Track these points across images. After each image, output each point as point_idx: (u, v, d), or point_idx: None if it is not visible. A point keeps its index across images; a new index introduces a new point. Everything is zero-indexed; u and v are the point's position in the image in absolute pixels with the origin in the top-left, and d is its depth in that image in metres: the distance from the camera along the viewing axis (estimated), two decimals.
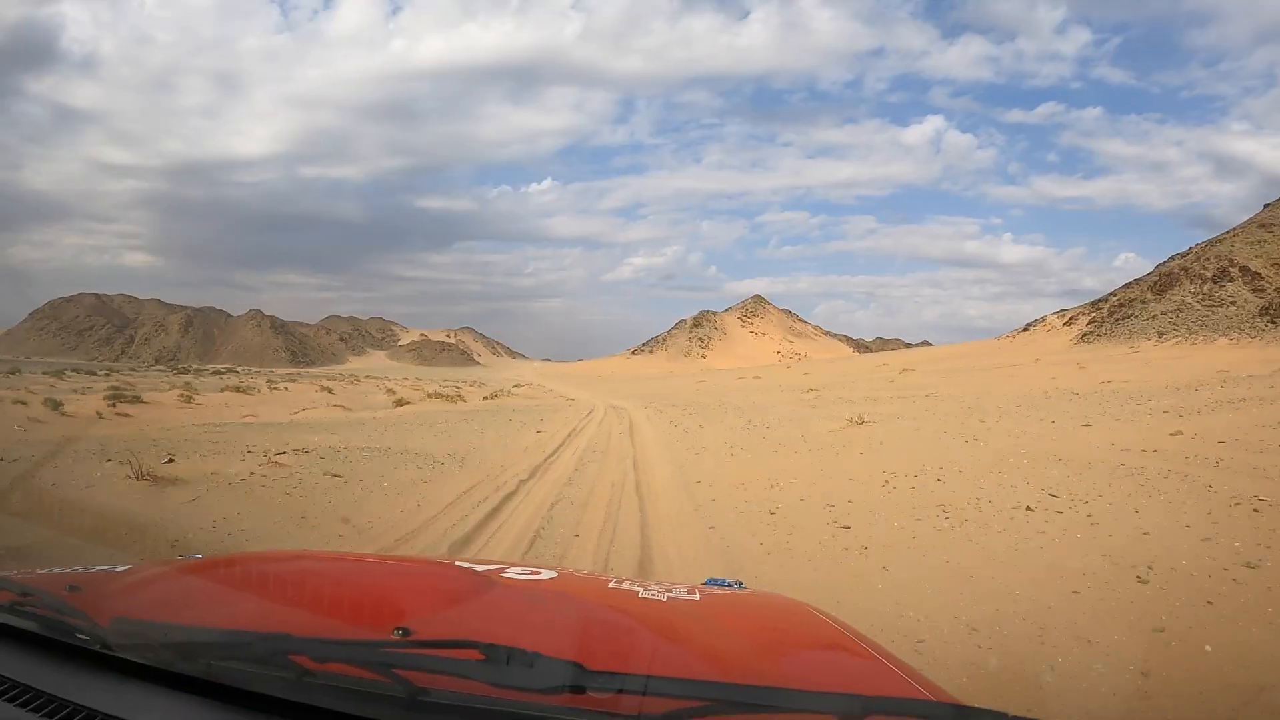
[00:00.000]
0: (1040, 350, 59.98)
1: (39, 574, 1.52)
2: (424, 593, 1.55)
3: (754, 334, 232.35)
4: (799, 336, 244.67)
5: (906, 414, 16.09)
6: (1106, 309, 72.81)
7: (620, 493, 7.95)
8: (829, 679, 1.33)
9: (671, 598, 1.59)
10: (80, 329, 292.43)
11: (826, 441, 11.63)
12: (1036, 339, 75.96)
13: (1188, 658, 3.48)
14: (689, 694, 0.96)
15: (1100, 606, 4.15)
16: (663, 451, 12.32)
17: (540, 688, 0.95)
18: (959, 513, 6.35)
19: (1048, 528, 5.74)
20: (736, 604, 1.77)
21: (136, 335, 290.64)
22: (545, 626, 1.34)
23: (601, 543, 5.91)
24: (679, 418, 18.82)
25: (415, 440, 12.00)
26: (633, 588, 1.69)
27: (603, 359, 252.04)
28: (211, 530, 5.67)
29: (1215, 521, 5.46)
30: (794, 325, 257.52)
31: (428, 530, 6.13)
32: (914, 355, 74.40)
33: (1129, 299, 70.20)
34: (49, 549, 4.10)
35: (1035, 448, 9.34)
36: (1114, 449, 8.75)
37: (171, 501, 6.34)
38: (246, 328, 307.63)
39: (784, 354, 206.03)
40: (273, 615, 1.33)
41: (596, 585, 1.93)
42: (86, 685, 1.08)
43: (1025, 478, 7.48)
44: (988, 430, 11.92)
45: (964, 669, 3.49)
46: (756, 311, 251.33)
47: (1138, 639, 3.72)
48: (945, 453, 9.47)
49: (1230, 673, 3.32)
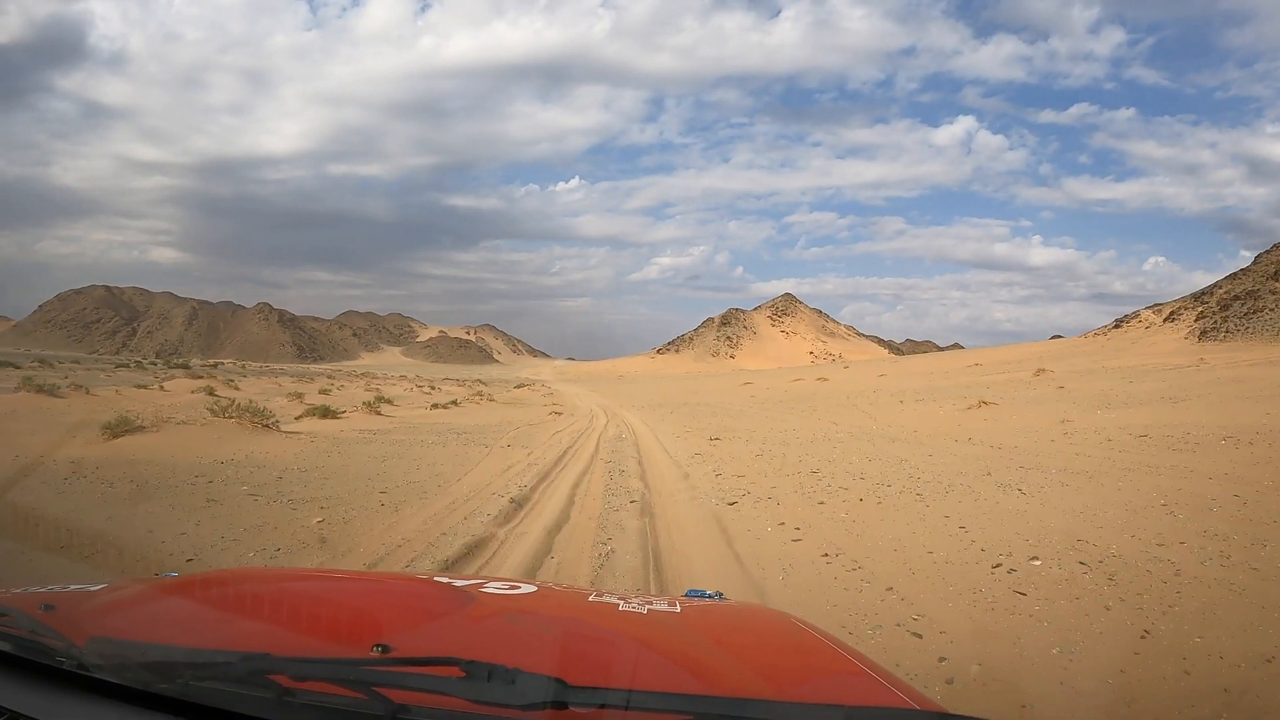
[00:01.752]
0: (1156, 349, 50.66)
1: (12, 593, 1.47)
2: (403, 609, 1.53)
3: (785, 333, 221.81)
4: (832, 337, 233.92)
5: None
6: (1215, 302, 64.40)
7: None
8: (812, 689, 1.31)
9: (652, 610, 1.57)
10: (88, 321, 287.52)
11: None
12: (1137, 336, 65.61)
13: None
14: (671, 708, 0.96)
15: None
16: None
17: (521, 704, 0.94)
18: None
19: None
20: (718, 615, 1.75)
21: (139, 328, 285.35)
22: (526, 642, 1.34)
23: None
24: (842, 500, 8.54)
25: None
26: (613, 601, 1.65)
27: (627, 358, 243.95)
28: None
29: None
30: (826, 325, 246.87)
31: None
32: (999, 355, 62.76)
33: (1243, 291, 62.16)
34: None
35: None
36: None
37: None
38: (253, 321, 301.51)
39: (817, 354, 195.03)
40: (251, 634, 1.31)
41: (577, 599, 1.86)
42: (62, 706, 1.06)
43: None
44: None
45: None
46: (787, 310, 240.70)
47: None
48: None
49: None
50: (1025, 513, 5.69)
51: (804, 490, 7.25)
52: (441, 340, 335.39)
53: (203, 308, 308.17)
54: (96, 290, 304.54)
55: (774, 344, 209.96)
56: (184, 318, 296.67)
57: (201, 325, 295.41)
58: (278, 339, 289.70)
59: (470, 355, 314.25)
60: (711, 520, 6.14)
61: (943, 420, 14.68)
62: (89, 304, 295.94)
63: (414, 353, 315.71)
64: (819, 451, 10.38)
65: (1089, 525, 5.20)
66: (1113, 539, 4.80)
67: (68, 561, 4.14)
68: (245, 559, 4.67)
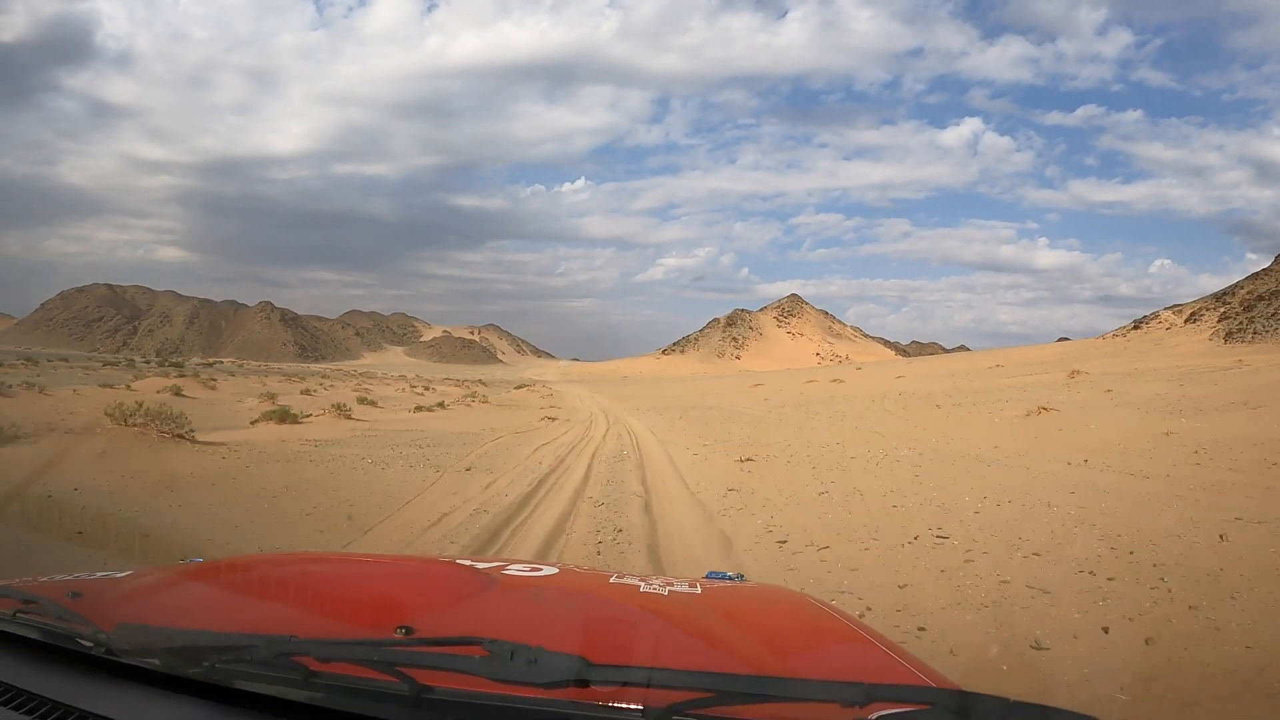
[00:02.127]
0: (1181, 350, 49.30)
1: (40, 581, 1.49)
2: (426, 591, 1.55)
3: (791, 334, 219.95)
4: (838, 338, 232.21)
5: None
6: (1238, 303, 63.28)
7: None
8: (831, 668, 1.31)
9: (673, 591, 1.56)
10: (89, 320, 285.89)
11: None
12: (1159, 337, 64.13)
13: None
14: (692, 685, 0.95)
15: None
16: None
17: (544, 682, 0.94)
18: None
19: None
20: (737, 596, 1.76)
21: (139, 327, 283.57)
22: (548, 622, 1.35)
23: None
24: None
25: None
26: (634, 582, 1.65)
27: (632, 359, 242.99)
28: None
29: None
30: (832, 326, 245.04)
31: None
32: (1018, 356, 60.76)
33: (1266, 291, 61.40)
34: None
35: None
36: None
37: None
38: (255, 321, 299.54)
39: (824, 356, 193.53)
40: (275, 617, 1.31)
41: (598, 580, 1.85)
42: (90, 691, 1.07)
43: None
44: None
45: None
46: (793, 311, 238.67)
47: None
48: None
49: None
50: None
51: (960, 589, 4.25)
52: (445, 340, 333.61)
53: (204, 306, 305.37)
54: (99, 289, 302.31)
55: (780, 345, 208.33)
56: (185, 316, 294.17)
57: (203, 324, 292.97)
58: (279, 338, 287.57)
59: (474, 355, 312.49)
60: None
61: (1008, 430, 12.67)
62: (91, 302, 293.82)
63: (417, 353, 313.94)
64: (900, 483, 7.61)
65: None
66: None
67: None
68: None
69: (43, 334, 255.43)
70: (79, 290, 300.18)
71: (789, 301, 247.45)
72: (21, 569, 4.17)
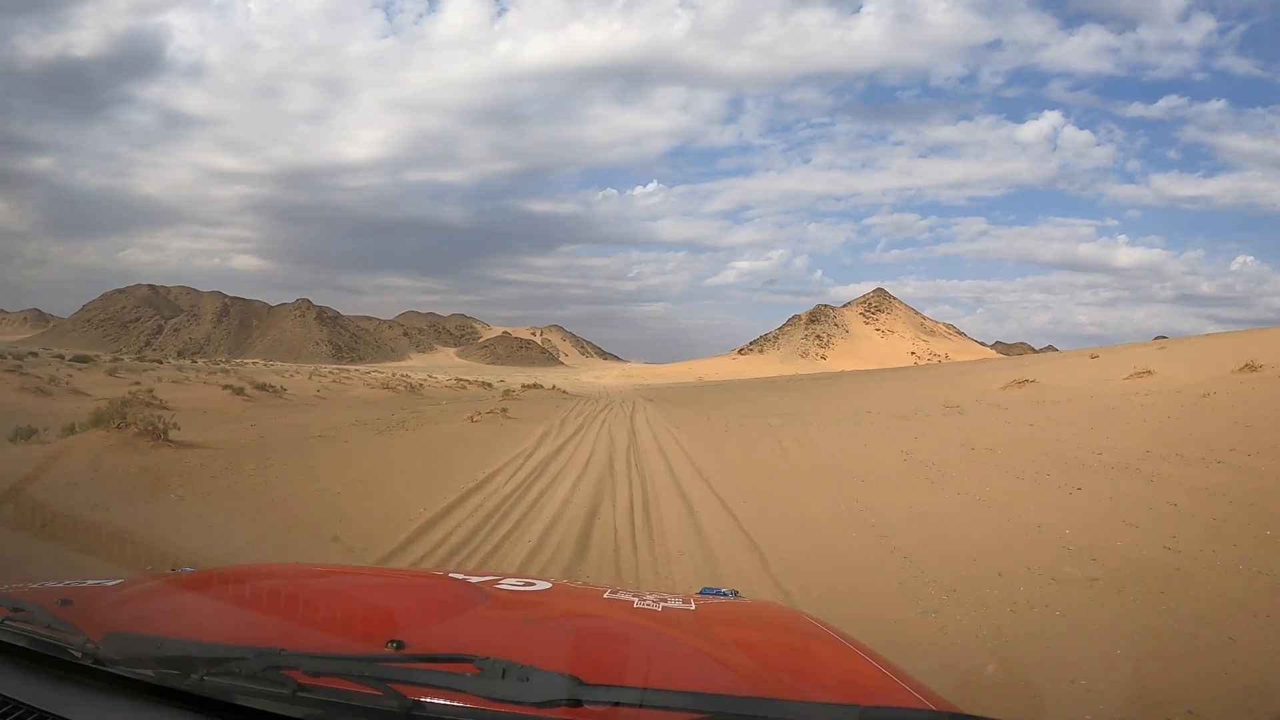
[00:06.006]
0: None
1: (30, 588, 1.48)
2: (418, 605, 1.51)
3: (880, 331, 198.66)
4: (932, 335, 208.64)
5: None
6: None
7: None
8: (826, 688, 1.29)
9: (667, 608, 1.54)
10: (126, 320, 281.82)
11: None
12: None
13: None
14: (686, 706, 0.94)
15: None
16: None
17: (536, 701, 0.93)
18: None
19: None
20: (732, 613, 1.74)
21: (165, 326, 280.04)
22: (541, 639, 1.33)
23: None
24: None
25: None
26: (628, 598, 1.63)
27: (704, 360, 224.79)
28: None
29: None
30: (924, 323, 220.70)
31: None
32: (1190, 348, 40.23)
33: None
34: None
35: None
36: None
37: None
38: (288, 319, 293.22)
39: (919, 354, 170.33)
40: (266, 629, 1.30)
41: (592, 596, 1.86)
42: (79, 700, 1.06)
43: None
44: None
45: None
46: (880, 307, 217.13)
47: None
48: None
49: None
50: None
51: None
52: (501, 341, 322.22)
53: (235, 304, 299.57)
54: (140, 289, 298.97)
55: (869, 343, 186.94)
56: (214, 315, 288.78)
57: (232, 323, 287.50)
58: (312, 337, 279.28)
59: (530, 357, 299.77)
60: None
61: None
62: (130, 303, 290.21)
63: (470, 354, 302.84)
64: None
65: None
66: None
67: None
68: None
69: (78, 335, 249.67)
70: (120, 291, 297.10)
71: (875, 296, 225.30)
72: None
